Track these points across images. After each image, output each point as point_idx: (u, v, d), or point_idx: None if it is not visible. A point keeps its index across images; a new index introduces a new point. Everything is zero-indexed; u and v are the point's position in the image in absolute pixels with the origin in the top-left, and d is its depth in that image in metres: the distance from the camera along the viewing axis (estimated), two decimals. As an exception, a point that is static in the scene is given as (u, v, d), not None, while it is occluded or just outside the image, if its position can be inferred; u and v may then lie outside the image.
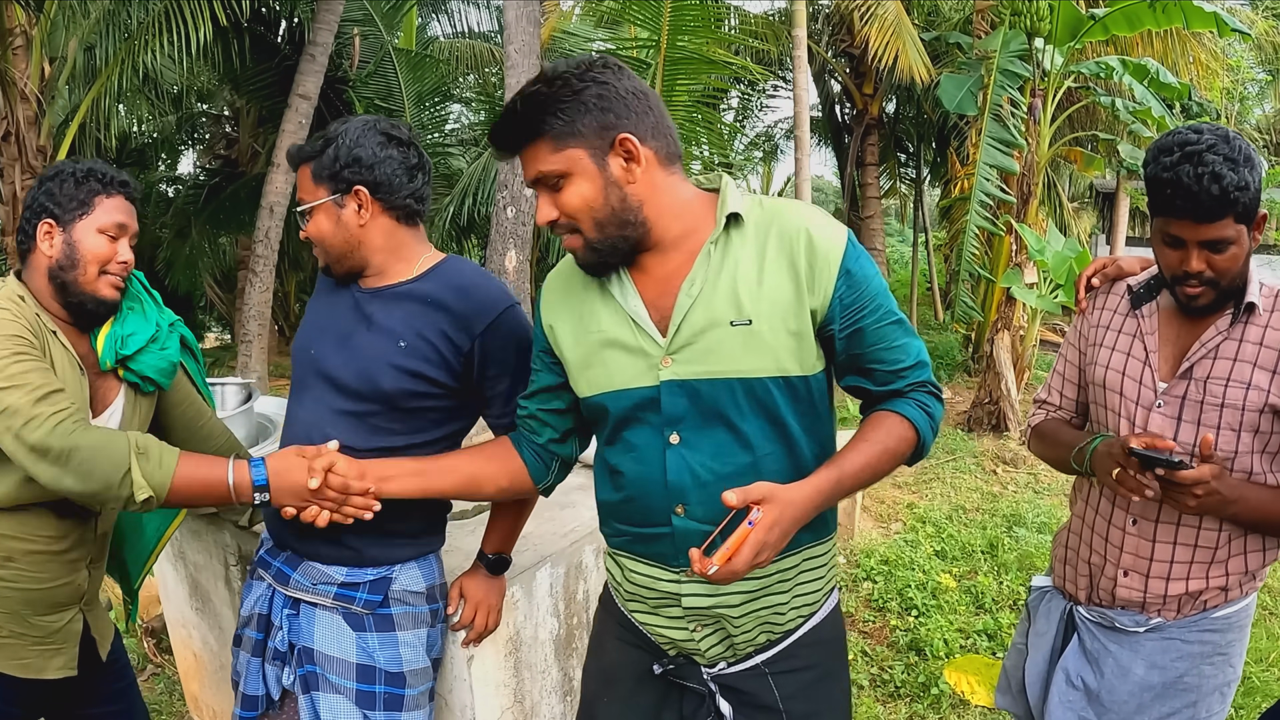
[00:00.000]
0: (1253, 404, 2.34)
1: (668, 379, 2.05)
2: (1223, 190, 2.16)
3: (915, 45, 13.26)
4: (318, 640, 2.63)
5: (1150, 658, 2.55)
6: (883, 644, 5.48)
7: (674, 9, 9.75)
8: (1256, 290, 2.40)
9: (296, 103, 12.09)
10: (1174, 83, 13.14)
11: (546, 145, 1.97)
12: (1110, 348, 2.63)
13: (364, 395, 2.52)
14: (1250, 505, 2.33)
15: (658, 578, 2.22)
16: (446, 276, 2.58)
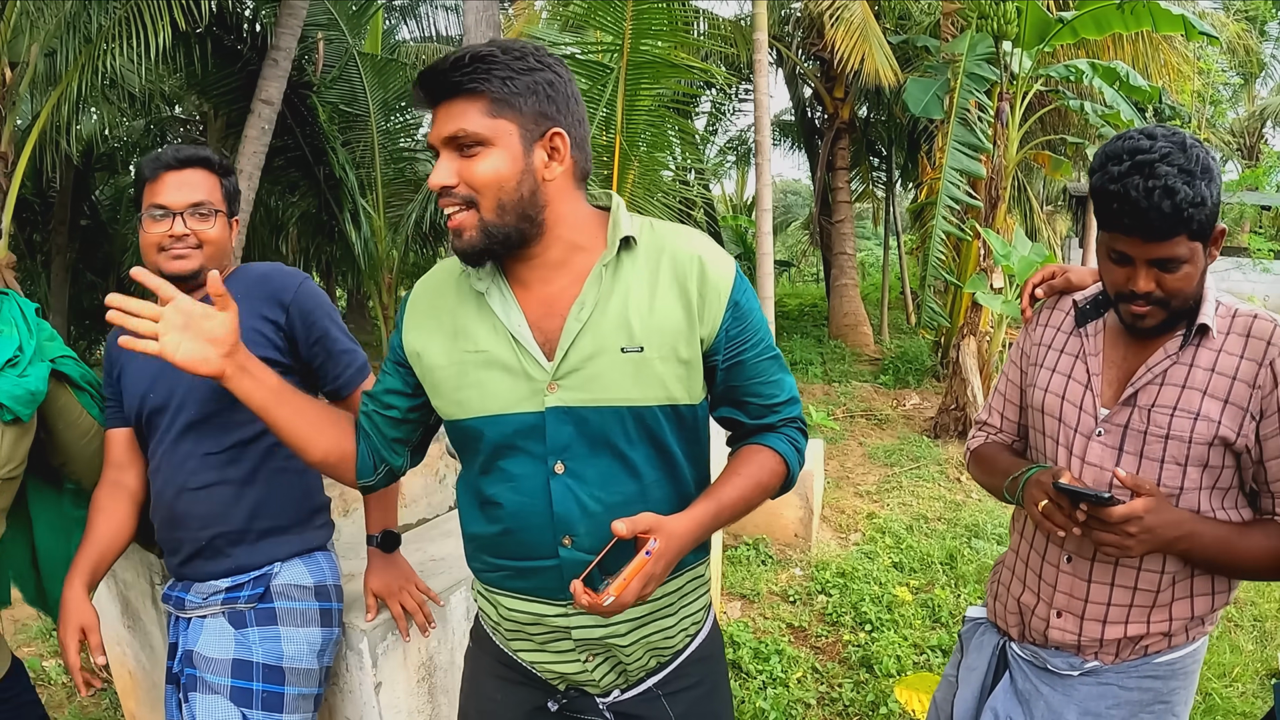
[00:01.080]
0: (1201, 436, 2.17)
1: (553, 405, 1.96)
2: (1175, 206, 1.99)
3: (882, 48, 13.22)
4: (200, 644, 2.69)
5: (1084, 704, 2.38)
6: (834, 660, 5.39)
7: (636, 13, 9.68)
8: (1211, 311, 2.22)
9: (259, 108, 12.00)
10: (1144, 86, 13.15)
11: (480, 105, 1.87)
12: (1051, 369, 2.47)
13: (208, 400, 2.68)
14: (1203, 543, 2.15)
15: (542, 614, 2.13)
16: (243, 274, 2.82)
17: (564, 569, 2.03)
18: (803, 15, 18.06)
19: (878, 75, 13.15)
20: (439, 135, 1.90)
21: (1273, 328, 2.19)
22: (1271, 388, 2.14)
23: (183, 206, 2.70)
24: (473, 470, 2.14)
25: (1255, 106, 34.92)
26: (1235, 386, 2.16)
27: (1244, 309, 2.25)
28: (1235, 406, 2.16)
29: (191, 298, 2.11)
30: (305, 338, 2.78)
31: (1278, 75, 36.33)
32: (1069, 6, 13.13)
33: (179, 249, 2.71)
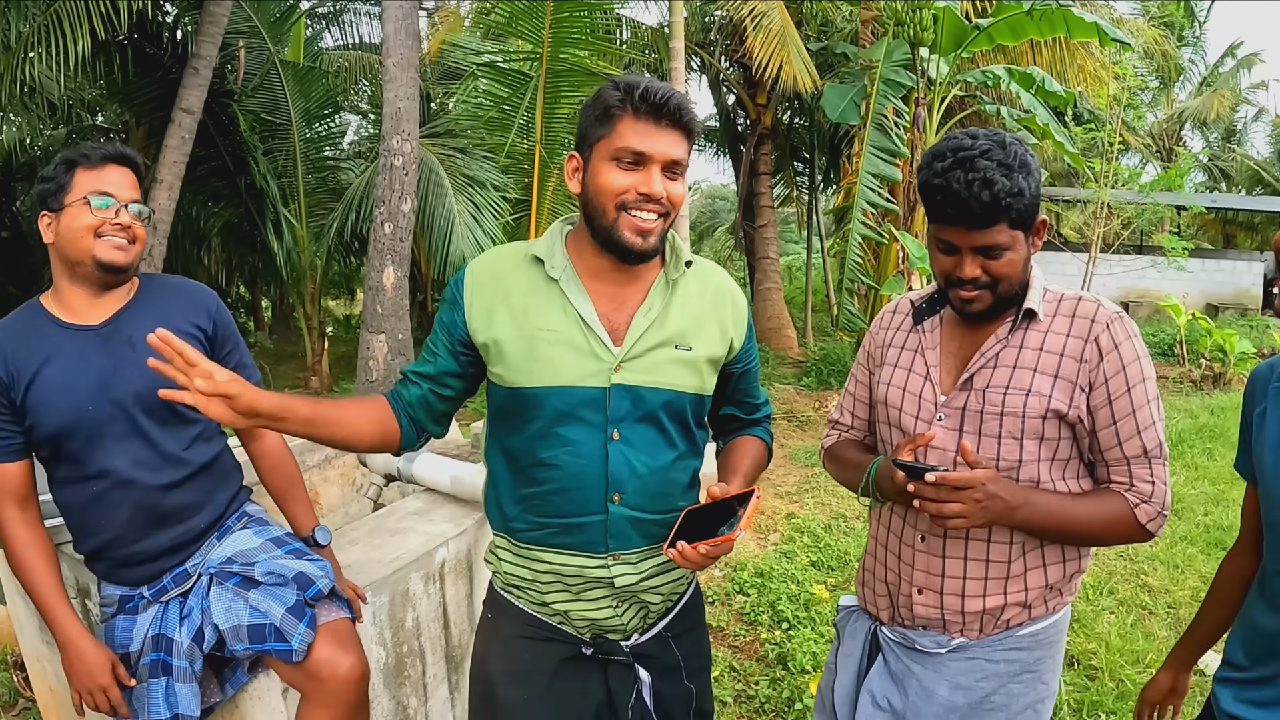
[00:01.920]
0: (1034, 410, 2.30)
1: (618, 383, 2.32)
2: (994, 196, 2.14)
3: (800, 55, 13.33)
4: (224, 551, 2.96)
5: (954, 678, 2.48)
6: (751, 658, 5.44)
7: (556, 21, 9.74)
8: (1038, 296, 2.38)
9: (180, 117, 11.90)
10: (1060, 91, 13.37)
11: (689, 143, 2.31)
12: (894, 365, 2.60)
13: (158, 410, 2.81)
14: (1039, 510, 2.26)
15: (584, 565, 2.41)
16: (160, 284, 3.01)
17: (610, 522, 2.37)
18: (725, 22, 18.14)
19: (796, 82, 13.25)
20: (667, 156, 2.24)
21: (1096, 307, 2.35)
22: (1097, 361, 2.29)
23: (127, 199, 2.79)
24: (523, 436, 2.40)
25: (1174, 110, 35.51)
26: (1064, 362, 2.31)
27: (1068, 293, 2.42)
28: (1065, 380, 2.30)
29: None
30: (220, 348, 3.01)
31: (1196, 79, 36.98)
32: (987, 14, 13.31)
33: (121, 237, 2.77)
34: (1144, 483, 2.32)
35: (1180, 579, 6.65)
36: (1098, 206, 15.20)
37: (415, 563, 3.46)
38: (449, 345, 2.44)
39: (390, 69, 10.06)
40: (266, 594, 2.77)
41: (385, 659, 3.32)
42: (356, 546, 3.55)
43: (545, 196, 10.45)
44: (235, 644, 2.75)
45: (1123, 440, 2.31)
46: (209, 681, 2.86)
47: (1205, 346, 16.32)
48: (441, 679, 3.66)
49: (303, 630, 2.73)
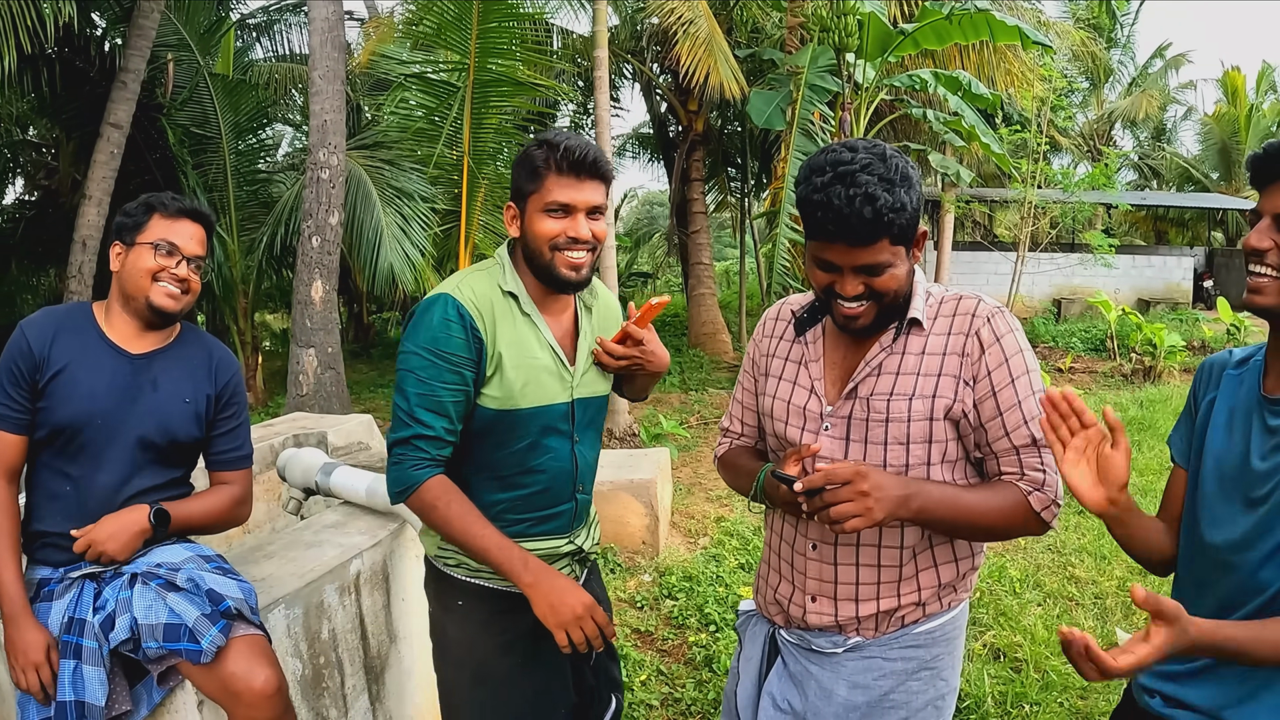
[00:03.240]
0: (919, 413, 2.29)
1: (577, 397, 2.80)
2: (876, 212, 2.07)
3: (727, 61, 13.35)
4: (152, 556, 3.05)
5: (852, 678, 2.46)
6: (679, 661, 5.46)
7: (483, 31, 9.70)
8: (921, 304, 2.35)
9: (108, 132, 11.79)
10: (986, 94, 13.48)
11: (606, 189, 2.70)
12: (778, 377, 2.58)
13: (162, 446, 3.07)
14: (933, 498, 2.22)
15: (556, 545, 2.84)
16: (196, 338, 3.26)
17: (578, 508, 2.89)
18: (655, 30, 18.13)
19: (724, 88, 13.30)
20: (589, 203, 2.61)
21: (976, 302, 2.35)
22: (979, 355, 2.29)
23: (190, 253, 3.05)
24: (510, 450, 2.73)
25: (1104, 110, 35.90)
26: (947, 360, 2.31)
27: (948, 294, 2.41)
28: (949, 377, 2.30)
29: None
30: (220, 413, 3.24)
31: (1125, 80, 37.42)
32: (914, 19, 13.43)
33: (176, 286, 3.01)
34: (1035, 471, 2.30)
35: (1107, 569, 6.77)
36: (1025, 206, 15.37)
37: (329, 574, 3.47)
38: (465, 375, 2.62)
39: (316, 81, 10.03)
40: (185, 599, 2.83)
41: (301, 670, 3.33)
42: (272, 560, 3.56)
43: (474, 207, 10.41)
44: (149, 640, 2.79)
45: (1010, 430, 2.29)
46: (118, 685, 2.87)
47: (1136, 341, 16.57)
48: (362, 689, 3.67)
49: (214, 634, 2.77)
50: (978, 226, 28.79)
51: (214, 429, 3.23)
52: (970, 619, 5.85)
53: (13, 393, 2.90)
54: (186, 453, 3.20)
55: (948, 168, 14.87)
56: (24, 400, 2.91)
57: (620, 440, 10.71)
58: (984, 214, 28.29)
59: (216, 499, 3.22)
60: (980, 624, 5.83)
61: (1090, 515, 8.07)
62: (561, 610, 2.54)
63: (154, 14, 11.92)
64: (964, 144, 14.57)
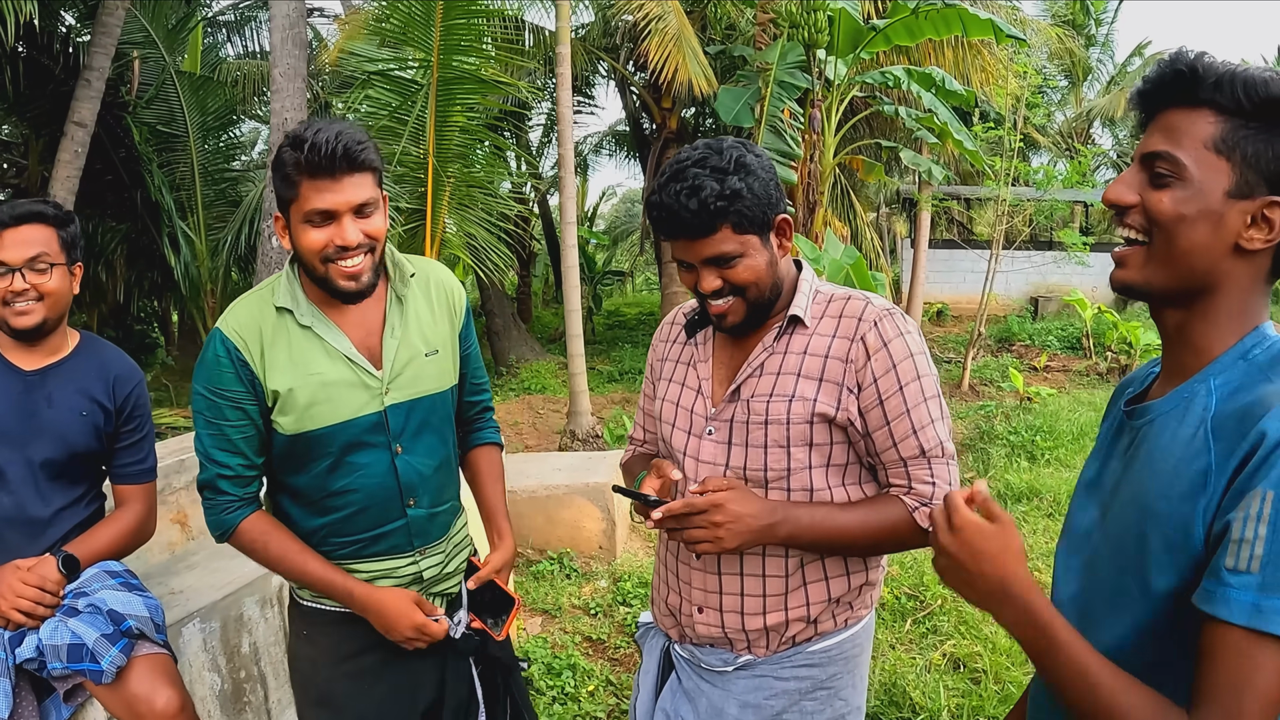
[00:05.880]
0: (798, 415, 2.25)
1: (391, 403, 2.57)
2: (702, 203, 2.10)
3: (697, 58, 13.30)
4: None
5: (742, 696, 2.42)
6: (630, 671, 5.38)
7: (446, 28, 9.62)
8: (805, 301, 2.34)
9: (72, 130, 11.66)
10: (960, 90, 13.45)
11: (373, 176, 2.45)
12: (669, 379, 2.57)
13: (63, 462, 3.03)
14: (803, 524, 2.21)
15: (395, 566, 2.66)
16: (96, 350, 3.21)
17: (411, 524, 2.66)
18: (627, 27, 18.13)
19: (694, 85, 13.25)
20: (356, 204, 2.40)
21: (863, 305, 2.31)
22: (865, 361, 2.24)
23: (20, 262, 2.91)
24: (311, 474, 2.57)
25: (1082, 108, 35.97)
26: (829, 364, 2.26)
27: (839, 292, 2.37)
28: (830, 383, 2.25)
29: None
30: (122, 425, 3.18)
31: (1105, 78, 37.52)
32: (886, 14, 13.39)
33: (20, 304, 2.93)
34: (923, 484, 2.26)
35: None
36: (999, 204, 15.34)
37: (249, 586, 3.41)
38: (246, 407, 2.52)
39: (277, 79, 9.93)
40: (84, 621, 2.80)
41: (220, 685, 3.27)
42: (194, 571, 3.49)
43: (440, 206, 10.33)
44: (54, 661, 2.77)
45: (897, 441, 2.26)
46: (25, 700, 2.84)
47: (1111, 339, 16.56)
48: (288, 703, 3.60)
49: (114, 654, 2.76)
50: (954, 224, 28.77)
51: (116, 442, 3.18)
52: (930, 628, 5.81)
53: None
54: (89, 466, 3.15)
55: (920, 165, 14.86)
56: None
57: (583, 442, 10.69)
58: (962, 212, 28.29)
59: (121, 524, 3.15)
60: (940, 633, 5.76)
61: (1059, 519, 8.05)
62: (391, 631, 2.59)
63: (119, 11, 11.78)
64: (937, 141, 14.53)
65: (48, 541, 2.99)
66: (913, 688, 4.97)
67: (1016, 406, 12.80)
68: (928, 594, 6.25)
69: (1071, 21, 29.38)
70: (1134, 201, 1.54)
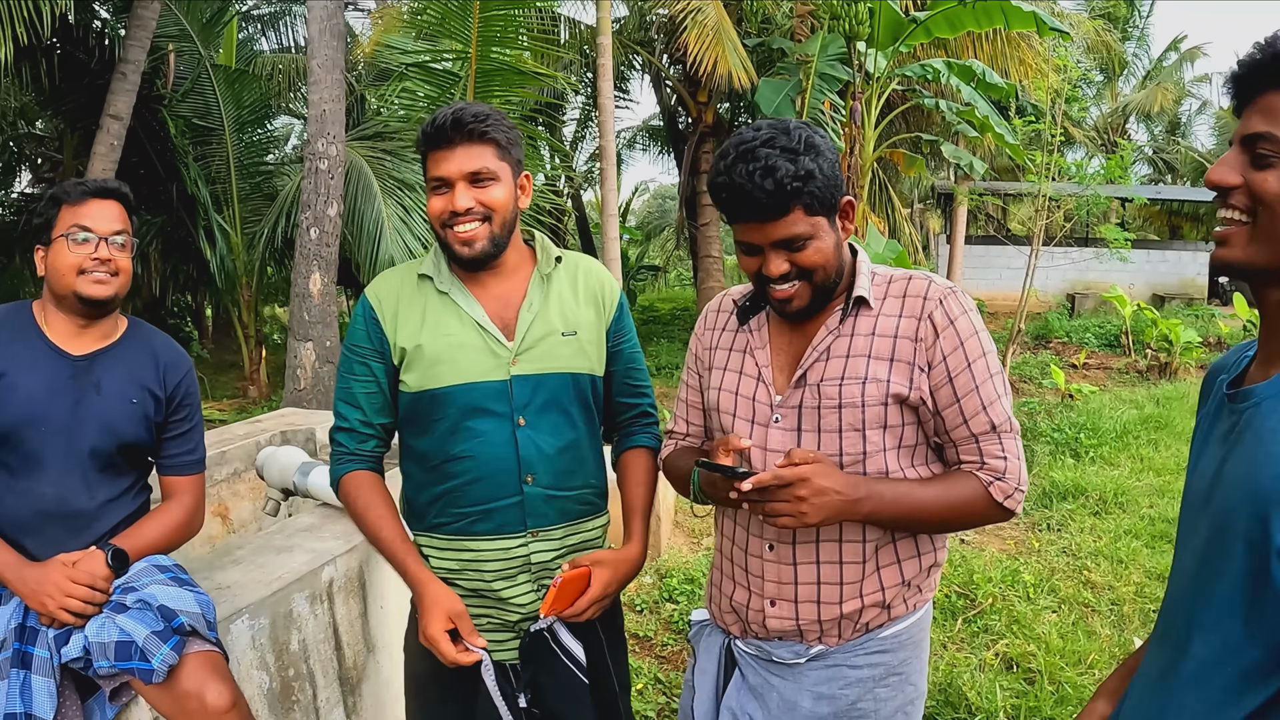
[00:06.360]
0: (872, 398, 2.23)
1: (517, 374, 2.60)
2: (778, 184, 2.08)
3: (736, 51, 13.21)
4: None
5: (816, 688, 2.38)
6: (678, 669, 5.29)
7: (485, 20, 9.59)
8: (867, 283, 2.32)
9: (108, 123, 11.69)
10: (1001, 83, 13.35)
11: (492, 149, 2.54)
12: (723, 368, 2.51)
13: (111, 453, 2.92)
14: (886, 500, 2.19)
15: (507, 546, 2.63)
16: (143, 335, 3.12)
17: (527, 502, 2.62)
18: (664, 20, 18.08)
19: (733, 78, 13.17)
20: (471, 169, 2.51)
21: (927, 284, 2.30)
22: (934, 339, 2.24)
23: (107, 232, 2.86)
24: (432, 436, 2.64)
25: (1118, 103, 35.74)
26: (899, 344, 2.25)
27: (897, 273, 2.35)
28: (902, 362, 2.24)
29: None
30: (172, 414, 3.10)
31: (1140, 73, 37.27)
32: (925, 7, 13.28)
33: (101, 273, 2.85)
34: (995, 459, 2.26)
35: (1124, 574, 6.58)
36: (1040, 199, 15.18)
37: (298, 582, 3.32)
38: (375, 364, 2.67)
39: (315, 70, 9.92)
40: (133, 618, 2.69)
41: (269, 684, 3.18)
42: (239, 566, 3.40)
43: (477, 199, 10.30)
44: (101, 660, 2.66)
45: (968, 417, 2.25)
46: (69, 699, 2.76)
47: (1151, 337, 16.40)
48: (336, 701, 3.52)
49: (165, 652, 2.65)
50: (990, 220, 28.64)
51: (164, 432, 3.10)
52: (981, 627, 5.72)
53: None
54: (138, 459, 3.07)
55: (960, 159, 14.72)
56: None
57: (624, 437, 10.58)
58: (997, 207, 28.14)
59: (170, 518, 3.06)
60: (992, 632, 5.66)
61: (1108, 517, 7.95)
62: (421, 628, 2.58)
63: (154, 4, 11.81)
64: (977, 135, 14.41)
65: (93, 536, 2.89)
66: (968, 687, 4.87)
67: (1058, 404, 12.66)
68: (978, 592, 6.15)
69: (1108, 15, 29.14)
70: (1237, 183, 1.52)
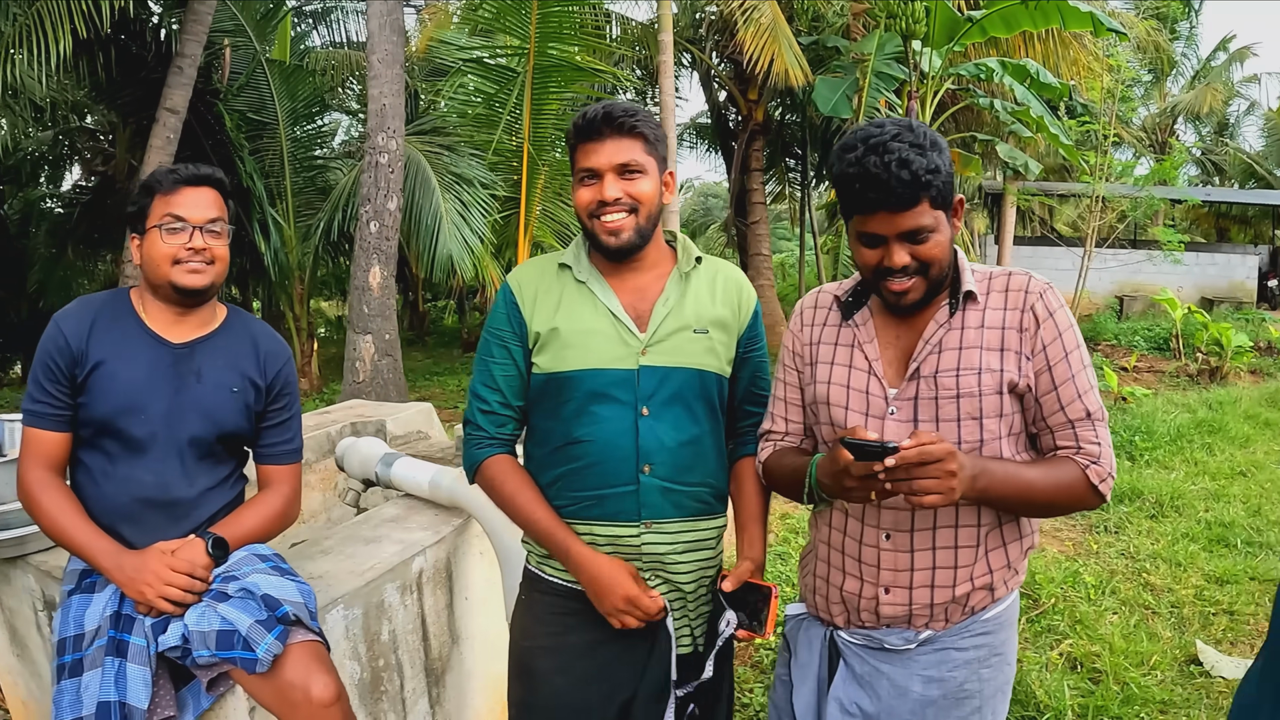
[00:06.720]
0: (989, 387, 2.31)
1: (646, 364, 2.62)
2: (913, 175, 2.14)
3: (792, 48, 13.21)
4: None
5: (926, 672, 2.44)
6: (746, 664, 5.29)
7: (543, 16, 9.62)
8: (971, 278, 2.40)
9: (164, 117, 11.78)
10: (1054, 83, 13.29)
11: (641, 143, 2.57)
12: (829, 363, 2.54)
13: (211, 441, 2.93)
14: (997, 477, 2.25)
15: (619, 535, 2.64)
16: (243, 324, 3.13)
17: (642, 492, 2.62)
18: (715, 17, 18.08)
19: (788, 76, 13.15)
20: (617, 162, 2.55)
21: (1027, 278, 2.40)
22: (1035, 329, 2.35)
23: (201, 221, 2.86)
24: (558, 418, 2.69)
25: (1166, 104, 35.47)
26: (1006, 335, 2.35)
27: (995, 270, 2.44)
28: (1011, 352, 2.34)
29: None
30: (271, 404, 3.10)
31: (1189, 73, 36.97)
32: (980, 6, 13.22)
33: (196, 262, 2.85)
34: (1090, 444, 2.35)
35: (1183, 577, 6.52)
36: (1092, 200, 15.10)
37: (390, 573, 3.33)
38: (507, 340, 2.74)
39: (375, 65, 9.96)
40: (236, 607, 2.69)
41: (360, 674, 3.20)
42: (329, 556, 3.42)
43: (534, 194, 10.34)
44: (201, 649, 2.66)
45: (1065, 404, 2.35)
46: (163, 688, 2.74)
47: (1201, 340, 16.23)
48: (421, 692, 3.54)
49: (270, 641, 2.64)
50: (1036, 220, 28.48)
51: (263, 421, 3.10)
52: (1045, 626, 5.68)
53: (51, 389, 2.80)
54: (236, 447, 3.08)
55: (1015, 159, 14.65)
56: (64, 396, 2.81)
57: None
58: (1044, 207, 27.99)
59: (268, 506, 3.07)
60: (1056, 632, 5.62)
61: (1164, 520, 7.89)
62: (602, 600, 2.61)
63: (210, 0, 11.88)
64: (1030, 135, 14.35)
65: (191, 524, 2.89)
66: (1036, 685, 4.86)
67: (1112, 406, 12.55)
68: (1041, 593, 6.11)
69: (1160, 15, 28.93)
70: None
